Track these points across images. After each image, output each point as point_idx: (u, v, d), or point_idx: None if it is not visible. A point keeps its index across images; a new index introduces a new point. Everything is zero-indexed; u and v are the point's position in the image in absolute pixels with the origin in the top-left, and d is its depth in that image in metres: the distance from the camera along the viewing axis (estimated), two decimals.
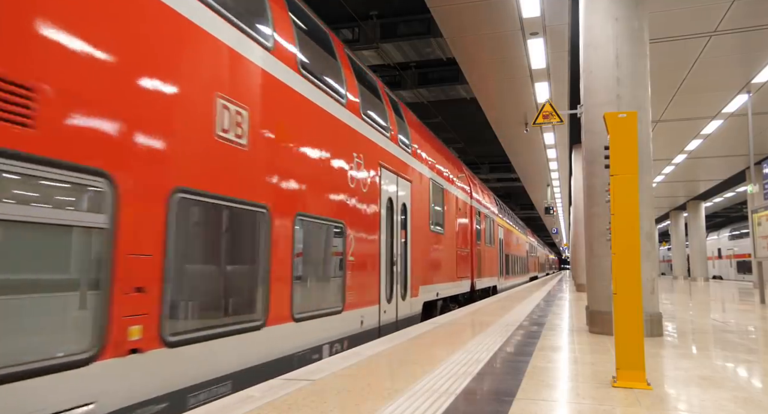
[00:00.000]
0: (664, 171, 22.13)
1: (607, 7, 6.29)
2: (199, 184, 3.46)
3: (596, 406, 2.98)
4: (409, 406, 2.91)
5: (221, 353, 3.60)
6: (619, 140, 3.67)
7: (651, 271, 5.90)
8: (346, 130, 5.93)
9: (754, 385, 3.59)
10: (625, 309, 3.52)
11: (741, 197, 31.14)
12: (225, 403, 2.92)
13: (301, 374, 3.71)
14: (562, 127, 14.80)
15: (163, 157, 3.18)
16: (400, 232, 7.98)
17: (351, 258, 5.96)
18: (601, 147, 6.17)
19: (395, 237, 7.69)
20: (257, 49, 4.25)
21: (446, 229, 10.92)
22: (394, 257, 7.59)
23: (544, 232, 61.84)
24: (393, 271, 7.54)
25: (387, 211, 7.34)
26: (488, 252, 15.73)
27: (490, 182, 31.07)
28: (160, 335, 3.06)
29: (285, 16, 4.86)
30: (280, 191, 4.48)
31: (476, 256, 13.70)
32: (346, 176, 5.86)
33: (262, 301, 4.14)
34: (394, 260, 7.59)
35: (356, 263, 6.11)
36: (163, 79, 3.21)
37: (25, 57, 2.38)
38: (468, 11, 8.70)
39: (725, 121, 14.97)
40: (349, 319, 5.80)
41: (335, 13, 11.70)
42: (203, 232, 3.61)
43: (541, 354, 4.71)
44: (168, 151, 3.21)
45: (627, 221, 3.59)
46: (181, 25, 3.42)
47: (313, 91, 5.13)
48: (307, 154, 5.00)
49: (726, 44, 10.00)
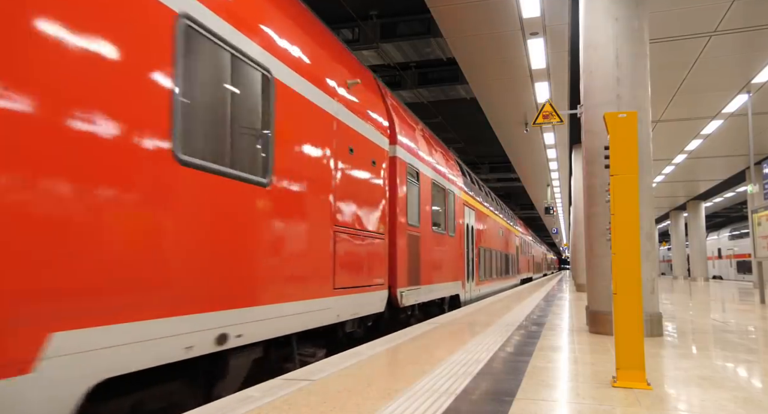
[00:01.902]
0: (664, 171, 22.14)
1: (607, 7, 6.29)
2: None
3: (596, 406, 2.98)
4: (409, 406, 2.91)
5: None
6: (619, 140, 3.67)
7: (651, 271, 5.90)
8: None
9: (754, 385, 3.59)
10: (625, 309, 3.52)
11: (741, 197, 31.16)
12: (225, 403, 2.92)
13: (301, 374, 3.71)
14: (562, 127, 14.81)
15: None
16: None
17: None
18: (601, 147, 6.17)
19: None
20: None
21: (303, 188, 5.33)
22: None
23: (544, 232, 61.83)
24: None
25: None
26: (440, 243, 9.57)
27: (490, 182, 31.08)
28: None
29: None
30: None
31: (405, 248, 7.56)
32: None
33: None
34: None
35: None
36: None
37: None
38: (468, 11, 8.70)
39: (725, 121, 14.98)
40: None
41: (335, 13, 11.70)
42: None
43: (541, 354, 4.71)
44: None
45: (627, 221, 3.59)
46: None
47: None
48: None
49: (726, 44, 10.00)
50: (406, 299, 7.37)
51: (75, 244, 2.46)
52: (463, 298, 11.95)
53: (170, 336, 3.01)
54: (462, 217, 11.98)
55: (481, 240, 14.91)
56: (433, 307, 9.78)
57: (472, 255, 13.25)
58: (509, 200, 38.75)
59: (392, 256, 7.07)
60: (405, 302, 7.33)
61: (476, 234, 14.13)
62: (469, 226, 13.00)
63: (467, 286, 12.44)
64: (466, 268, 12.26)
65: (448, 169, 10.90)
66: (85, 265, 2.50)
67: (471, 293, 12.99)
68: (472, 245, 13.50)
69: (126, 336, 2.71)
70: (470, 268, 12.98)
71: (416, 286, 7.91)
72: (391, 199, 7.16)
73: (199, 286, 3.25)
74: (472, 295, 13.14)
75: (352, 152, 5.74)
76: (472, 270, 13.17)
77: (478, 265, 14.33)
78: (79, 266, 2.46)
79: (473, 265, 13.40)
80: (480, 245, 14.78)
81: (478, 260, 14.23)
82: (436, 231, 9.32)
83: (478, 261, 14.23)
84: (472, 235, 13.37)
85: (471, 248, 13.21)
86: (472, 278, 13.27)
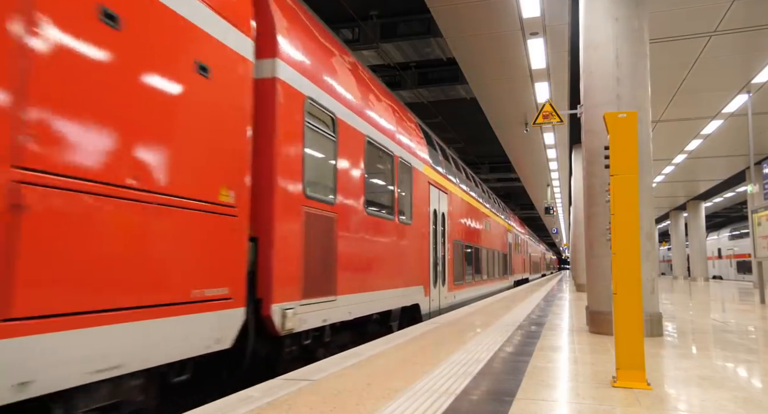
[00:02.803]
0: (664, 171, 22.14)
1: (607, 7, 6.29)
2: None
3: (596, 406, 2.98)
4: (409, 406, 2.91)
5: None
6: (619, 140, 3.67)
7: (651, 271, 5.90)
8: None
9: (754, 385, 3.59)
10: (625, 309, 3.52)
11: (741, 197, 31.16)
12: (225, 403, 2.92)
13: (301, 374, 3.71)
14: (562, 127, 14.81)
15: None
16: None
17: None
18: (601, 147, 6.17)
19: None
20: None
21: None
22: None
23: (544, 232, 61.84)
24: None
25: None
26: (384, 233, 7.00)
27: (490, 182, 31.09)
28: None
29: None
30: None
31: (298, 235, 4.75)
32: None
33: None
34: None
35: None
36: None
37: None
38: (468, 11, 8.70)
39: (725, 121, 14.97)
40: None
41: (335, 13, 11.70)
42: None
43: (541, 354, 4.71)
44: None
45: (627, 221, 3.59)
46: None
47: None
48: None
49: (726, 44, 10.00)
50: (295, 320, 4.46)
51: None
52: (427, 308, 8.97)
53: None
54: (427, 200, 9.25)
55: (458, 233, 11.96)
56: (373, 326, 6.98)
57: (443, 251, 10.36)
58: (509, 200, 38.77)
59: (264, 247, 4.22)
60: (293, 325, 4.44)
61: (451, 225, 11.20)
62: (439, 213, 10.14)
63: (434, 293, 9.54)
64: (432, 268, 9.41)
65: (404, 132, 8.05)
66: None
67: (441, 301, 10.06)
68: (445, 239, 10.56)
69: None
70: (440, 268, 10.02)
71: (325, 297, 5.09)
72: (261, 149, 4.34)
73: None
74: (442, 303, 10.16)
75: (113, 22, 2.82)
76: (442, 271, 10.22)
77: (453, 264, 11.26)
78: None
79: (445, 265, 10.45)
80: (457, 239, 11.81)
81: (452, 258, 11.19)
82: (375, 214, 6.55)
83: (452, 259, 11.20)
84: (444, 225, 10.49)
85: (442, 243, 10.32)
86: (443, 281, 10.28)
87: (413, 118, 9.56)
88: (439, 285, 9.97)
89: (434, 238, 9.74)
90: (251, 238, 4.16)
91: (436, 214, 9.94)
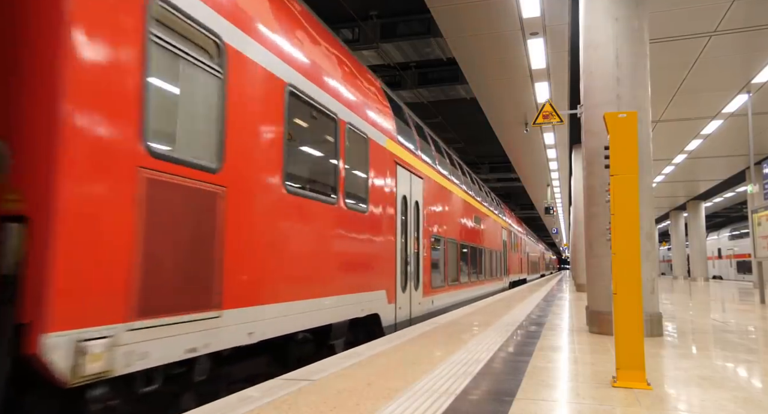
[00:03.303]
0: (664, 171, 22.14)
1: (607, 7, 6.29)
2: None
3: (596, 406, 2.98)
4: (409, 406, 2.91)
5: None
6: (619, 140, 3.67)
7: (651, 271, 5.90)
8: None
9: (754, 385, 3.59)
10: (625, 309, 3.52)
11: (741, 197, 31.16)
12: (225, 403, 2.92)
13: (301, 374, 3.71)
14: (562, 127, 14.81)
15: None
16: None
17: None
18: (601, 147, 6.17)
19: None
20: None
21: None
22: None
23: (544, 232, 61.85)
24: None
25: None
26: (318, 220, 5.19)
27: (490, 182, 31.10)
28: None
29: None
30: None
31: (142, 214, 2.99)
32: None
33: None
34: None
35: None
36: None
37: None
38: (468, 11, 8.70)
39: (725, 121, 14.98)
40: None
41: (335, 13, 11.71)
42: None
43: (541, 354, 4.71)
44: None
45: (627, 221, 3.59)
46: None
47: None
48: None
49: (726, 44, 10.00)
50: (109, 358, 2.75)
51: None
52: (391, 317, 7.28)
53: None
54: (393, 184, 7.55)
55: (439, 227, 10.33)
56: (301, 347, 5.19)
57: (416, 248, 8.70)
58: (509, 200, 38.79)
59: (39, 233, 2.53)
60: (104, 367, 2.71)
61: (429, 217, 9.54)
62: (411, 201, 8.42)
63: (402, 298, 7.82)
64: (400, 268, 7.71)
65: (357, 94, 6.42)
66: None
67: (413, 308, 8.38)
68: (419, 233, 8.89)
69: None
70: (412, 268, 8.37)
71: (196, 313, 3.41)
72: (31, 45, 2.67)
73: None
74: (415, 310, 8.47)
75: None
76: (415, 271, 8.57)
77: (431, 263, 9.65)
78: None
79: (419, 265, 8.81)
80: (438, 235, 10.19)
81: (430, 257, 9.58)
82: (303, 195, 4.84)
83: (429, 258, 9.57)
84: (418, 217, 8.84)
85: (415, 237, 8.65)
86: (416, 284, 8.58)
87: (377, 82, 7.85)
88: (410, 289, 8.24)
89: (404, 232, 7.98)
90: (10, 216, 2.55)
91: (406, 203, 8.17)
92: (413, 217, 8.58)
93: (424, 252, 9.22)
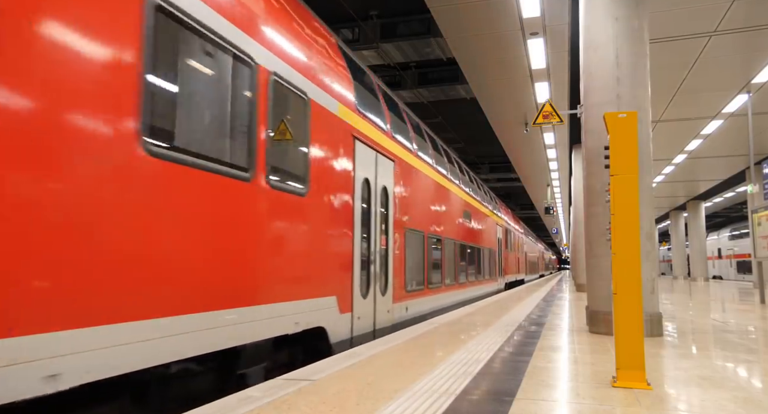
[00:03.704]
0: (664, 171, 22.14)
1: (607, 6, 6.29)
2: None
3: (596, 406, 2.97)
4: (409, 406, 2.91)
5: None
6: (619, 140, 3.67)
7: (651, 271, 5.90)
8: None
9: (754, 385, 3.59)
10: (625, 309, 3.52)
11: (741, 197, 31.16)
12: (225, 403, 2.92)
13: (301, 374, 3.71)
14: (562, 127, 14.81)
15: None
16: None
17: None
18: (601, 147, 6.17)
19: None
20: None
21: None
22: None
23: (544, 232, 61.86)
24: None
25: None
26: (236, 201, 3.89)
27: (490, 182, 31.10)
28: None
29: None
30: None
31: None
32: None
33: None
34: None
35: None
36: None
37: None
38: (468, 11, 8.70)
39: (725, 121, 14.98)
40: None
41: (335, 13, 11.71)
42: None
43: (541, 354, 4.71)
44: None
45: (627, 221, 3.59)
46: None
47: None
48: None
49: (726, 44, 10.00)
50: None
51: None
52: (345, 331, 5.79)
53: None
54: (350, 163, 6.14)
55: (416, 219, 8.65)
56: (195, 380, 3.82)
57: (384, 243, 7.21)
58: (509, 200, 38.78)
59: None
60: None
61: (401, 206, 7.91)
62: (376, 186, 6.95)
63: (363, 307, 6.31)
64: (360, 268, 6.24)
65: (289, 36, 4.96)
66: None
67: (379, 317, 6.85)
68: (388, 225, 7.37)
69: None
70: (377, 268, 6.85)
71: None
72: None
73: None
74: (381, 320, 6.93)
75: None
76: (383, 272, 7.08)
77: (404, 263, 7.99)
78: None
79: (387, 264, 7.27)
80: (413, 228, 8.53)
81: (403, 255, 7.95)
82: (178, 160, 3.36)
83: (403, 256, 7.93)
84: (387, 205, 7.36)
85: (383, 230, 7.18)
86: (383, 288, 7.06)
87: (333, 38, 6.39)
88: (374, 294, 6.69)
89: (365, 223, 6.48)
90: None
91: (369, 187, 6.66)
92: (379, 206, 6.98)
93: (396, 249, 7.60)
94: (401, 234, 7.96)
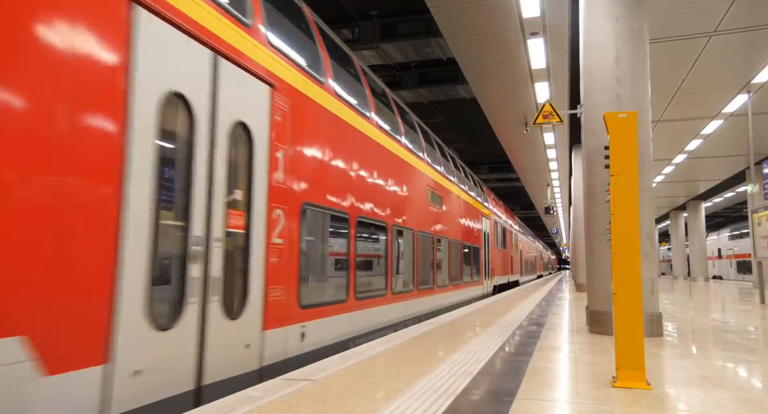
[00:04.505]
0: (664, 171, 22.13)
1: (607, 7, 6.29)
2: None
3: (596, 406, 2.98)
4: (409, 406, 2.91)
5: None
6: (619, 140, 3.67)
7: (651, 271, 5.90)
8: None
9: (754, 385, 3.59)
10: (625, 309, 3.52)
11: (741, 197, 31.16)
12: (225, 403, 2.92)
13: (301, 374, 3.71)
14: (562, 127, 14.82)
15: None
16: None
17: None
18: (601, 147, 6.17)
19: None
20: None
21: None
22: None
23: (544, 232, 61.86)
24: None
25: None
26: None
27: (490, 182, 31.09)
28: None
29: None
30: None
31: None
32: None
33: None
34: None
35: None
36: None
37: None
38: (468, 11, 8.70)
39: (725, 121, 14.97)
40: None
41: (335, 13, 11.70)
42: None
43: (541, 354, 4.71)
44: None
45: (627, 221, 3.59)
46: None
47: None
48: None
49: (726, 44, 10.00)
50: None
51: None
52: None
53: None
54: (122, 55, 2.89)
55: (327, 187, 5.58)
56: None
57: (245, 226, 4.08)
58: (509, 200, 38.78)
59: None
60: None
61: (291, 164, 4.80)
62: (219, 120, 3.80)
63: (158, 347, 3.01)
64: (132, 271, 2.87)
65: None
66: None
67: (217, 360, 3.57)
68: (251, 195, 4.16)
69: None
70: (214, 270, 3.59)
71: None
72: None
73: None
74: (220, 365, 3.60)
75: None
76: (231, 277, 3.86)
77: (299, 259, 4.81)
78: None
79: (247, 262, 4.03)
80: (319, 204, 5.34)
81: (297, 244, 4.81)
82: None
83: (296, 248, 4.80)
84: (250, 160, 4.20)
85: (241, 202, 4.04)
86: (235, 306, 3.88)
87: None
88: (201, 319, 3.45)
89: (185, 187, 3.45)
90: None
91: (192, 118, 3.53)
92: (225, 158, 3.85)
93: (276, 236, 4.50)
94: (290, 210, 4.77)
